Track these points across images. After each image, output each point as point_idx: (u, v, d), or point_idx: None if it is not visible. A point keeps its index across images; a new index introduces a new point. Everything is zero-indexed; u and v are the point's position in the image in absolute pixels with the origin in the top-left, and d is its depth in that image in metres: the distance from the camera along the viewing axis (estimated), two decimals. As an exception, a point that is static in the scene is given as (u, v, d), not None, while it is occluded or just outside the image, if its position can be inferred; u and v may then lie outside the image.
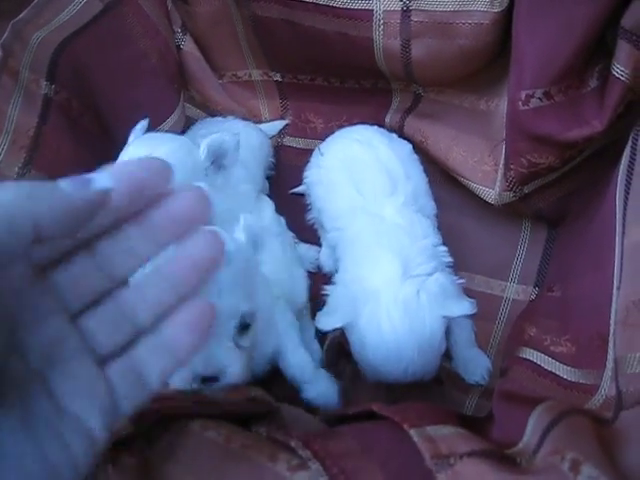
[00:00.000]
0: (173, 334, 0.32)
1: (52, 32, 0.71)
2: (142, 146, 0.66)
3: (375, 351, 0.64)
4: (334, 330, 0.68)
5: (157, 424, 0.46)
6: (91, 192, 0.28)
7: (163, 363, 0.31)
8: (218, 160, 0.69)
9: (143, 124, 0.71)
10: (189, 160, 0.67)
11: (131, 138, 0.69)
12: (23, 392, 0.28)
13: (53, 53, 0.71)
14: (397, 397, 0.72)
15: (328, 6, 0.72)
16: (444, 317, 0.65)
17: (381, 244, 0.70)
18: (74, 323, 0.30)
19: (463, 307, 0.66)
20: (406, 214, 0.73)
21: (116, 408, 0.30)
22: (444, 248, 0.73)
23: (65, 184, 0.27)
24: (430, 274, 0.67)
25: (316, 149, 0.86)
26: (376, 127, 0.85)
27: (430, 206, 0.80)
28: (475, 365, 0.78)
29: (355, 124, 0.88)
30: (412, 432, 0.46)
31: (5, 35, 0.66)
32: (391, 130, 0.88)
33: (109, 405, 0.30)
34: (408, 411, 0.50)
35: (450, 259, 0.73)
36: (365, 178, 0.77)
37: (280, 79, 0.91)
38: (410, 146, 0.84)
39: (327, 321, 0.68)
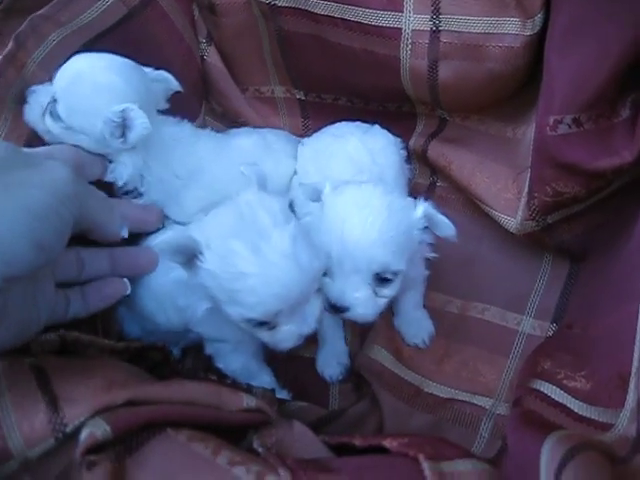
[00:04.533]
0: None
1: (74, 33, 0.70)
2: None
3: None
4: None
5: (140, 432, 0.45)
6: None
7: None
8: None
9: None
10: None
11: None
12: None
13: (72, 55, 0.69)
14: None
15: (357, 22, 0.71)
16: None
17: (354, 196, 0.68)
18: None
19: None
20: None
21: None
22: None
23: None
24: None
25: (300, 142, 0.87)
26: (358, 122, 0.84)
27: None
28: (418, 327, 0.80)
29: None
30: (425, 465, 0.45)
31: (21, 28, 0.65)
32: (414, 154, 0.87)
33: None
34: (423, 445, 0.49)
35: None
36: (330, 166, 0.78)
37: (303, 97, 0.90)
38: (388, 140, 0.83)
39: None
